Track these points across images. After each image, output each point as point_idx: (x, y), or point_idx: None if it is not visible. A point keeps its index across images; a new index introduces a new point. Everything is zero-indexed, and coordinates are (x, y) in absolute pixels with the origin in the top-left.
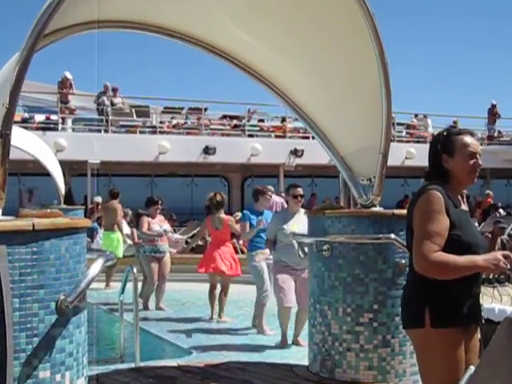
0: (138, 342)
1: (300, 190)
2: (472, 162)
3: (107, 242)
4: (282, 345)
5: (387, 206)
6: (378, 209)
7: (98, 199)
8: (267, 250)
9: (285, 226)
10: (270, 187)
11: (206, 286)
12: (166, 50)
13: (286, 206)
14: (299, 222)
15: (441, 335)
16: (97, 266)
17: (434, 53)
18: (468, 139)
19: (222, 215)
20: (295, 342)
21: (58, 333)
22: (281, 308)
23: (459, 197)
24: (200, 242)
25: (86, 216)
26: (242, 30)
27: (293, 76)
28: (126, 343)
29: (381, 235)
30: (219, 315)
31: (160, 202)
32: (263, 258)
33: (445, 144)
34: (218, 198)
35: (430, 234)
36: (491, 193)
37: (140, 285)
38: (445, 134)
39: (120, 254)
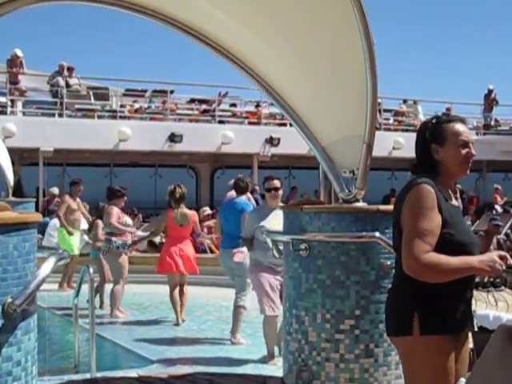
0: (95, 350)
1: (276, 183)
2: (464, 151)
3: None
4: (269, 361)
5: (372, 201)
6: (361, 204)
7: (55, 190)
8: (245, 249)
9: (263, 223)
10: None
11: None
12: (129, 27)
13: (254, 201)
14: (279, 218)
15: (430, 343)
16: (48, 266)
17: (425, 33)
18: (460, 127)
19: (186, 210)
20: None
21: (4, 339)
22: (267, 316)
23: (450, 191)
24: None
25: (37, 210)
26: (213, 6)
27: (269, 58)
28: (81, 351)
29: (364, 233)
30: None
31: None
32: (242, 258)
33: (434, 132)
34: (179, 191)
35: (422, 233)
36: (500, 187)
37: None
38: (434, 121)
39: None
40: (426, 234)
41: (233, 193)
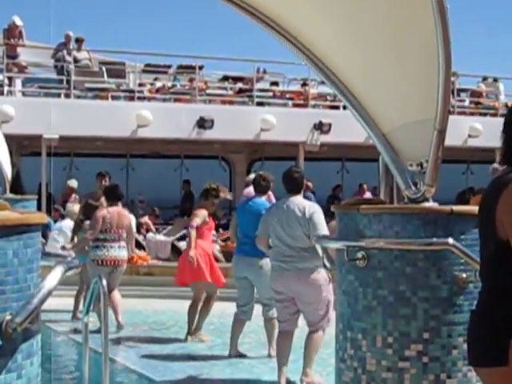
0: (108, 376)
1: None
2: None
3: None
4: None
5: (443, 200)
6: (431, 204)
7: (73, 183)
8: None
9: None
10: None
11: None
12: None
13: (273, 199)
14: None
15: None
16: (55, 276)
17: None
18: None
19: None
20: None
21: (3, 364)
22: (321, 333)
23: None
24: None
25: (39, 209)
26: None
27: (320, 26)
28: (92, 377)
29: (435, 240)
30: (190, 333)
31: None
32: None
33: None
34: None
35: None
36: None
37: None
38: None
39: None
40: None
41: (250, 190)
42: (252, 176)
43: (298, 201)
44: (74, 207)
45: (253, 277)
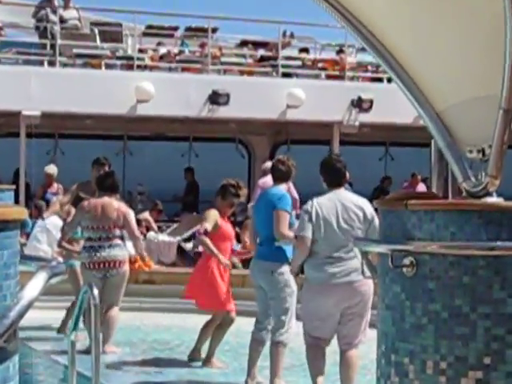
0: None
1: None
2: None
3: None
4: None
5: (508, 195)
6: (494, 199)
7: (51, 169)
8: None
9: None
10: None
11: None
12: None
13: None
14: None
15: None
16: (36, 284)
17: None
18: None
19: None
20: None
21: None
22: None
23: None
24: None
25: (16, 202)
26: None
27: None
28: None
29: (499, 243)
30: (206, 359)
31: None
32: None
33: None
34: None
35: None
36: None
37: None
38: None
39: None
40: None
41: (267, 180)
42: (269, 163)
43: (351, 196)
44: (64, 199)
45: (266, 286)
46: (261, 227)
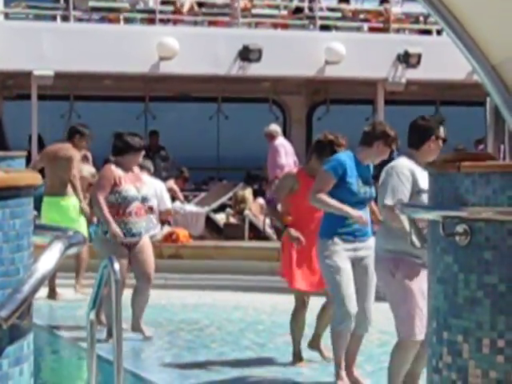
0: None
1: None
2: None
3: (53, 215)
4: None
5: None
6: None
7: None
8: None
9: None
10: None
11: (249, 298)
12: None
13: None
14: None
15: None
16: (52, 256)
17: None
18: None
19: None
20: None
21: None
22: (410, 342)
23: None
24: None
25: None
26: None
27: None
28: None
29: None
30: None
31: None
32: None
33: None
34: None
35: None
36: None
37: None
38: None
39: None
40: None
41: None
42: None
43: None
44: (91, 169)
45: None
46: None
